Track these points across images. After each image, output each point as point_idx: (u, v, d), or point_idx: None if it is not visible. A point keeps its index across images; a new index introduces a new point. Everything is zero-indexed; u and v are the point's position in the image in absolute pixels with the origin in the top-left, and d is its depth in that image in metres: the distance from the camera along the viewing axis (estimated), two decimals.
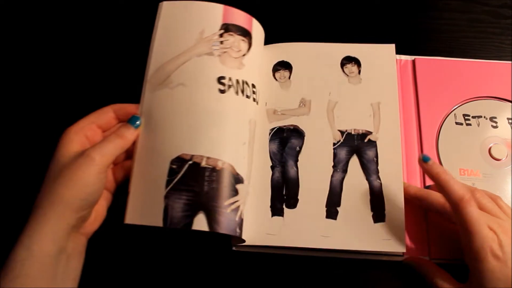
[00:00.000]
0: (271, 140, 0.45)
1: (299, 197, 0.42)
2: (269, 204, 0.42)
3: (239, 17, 0.43)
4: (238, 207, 0.38)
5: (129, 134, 0.38)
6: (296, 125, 0.46)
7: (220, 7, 0.43)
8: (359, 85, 0.47)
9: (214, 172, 0.38)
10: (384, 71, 0.48)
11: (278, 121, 0.46)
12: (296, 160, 0.44)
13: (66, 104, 0.50)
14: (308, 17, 0.56)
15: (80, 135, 0.36)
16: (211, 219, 0.37)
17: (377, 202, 0.42)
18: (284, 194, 0.43)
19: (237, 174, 0.39)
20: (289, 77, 0.48)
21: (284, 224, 0.41)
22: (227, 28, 0.42)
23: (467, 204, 0.35)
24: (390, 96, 0.46)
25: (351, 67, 0.48)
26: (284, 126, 0.46)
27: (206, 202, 0.37)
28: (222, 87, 0.40)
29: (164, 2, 0.43)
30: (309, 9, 0.57)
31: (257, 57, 0.45)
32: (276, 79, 0.48)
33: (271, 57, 0.49)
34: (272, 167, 0.44)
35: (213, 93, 0.40)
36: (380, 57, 0.48)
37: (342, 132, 0.45)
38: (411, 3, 0.56)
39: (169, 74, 0.40)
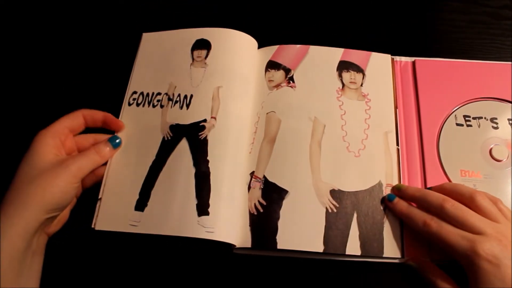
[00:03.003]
0: None
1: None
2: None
3: None
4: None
5: (107, 152, 0.42)
6: None
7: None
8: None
9: None
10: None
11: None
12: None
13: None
14: (308, 16, 0.56)
15: (56, 139, 0.39)
16: None
17: None
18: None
19: None
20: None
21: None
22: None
23: (429, 227, 0.37)
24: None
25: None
26: None
27: None
28: None
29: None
30: (309, 8, 0.57)
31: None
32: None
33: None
34: None
35: None
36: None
37: None
38: (411, 4, 0.56)
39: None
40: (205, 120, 0.45)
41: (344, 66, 0.49)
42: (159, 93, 0.47)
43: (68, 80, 0.53)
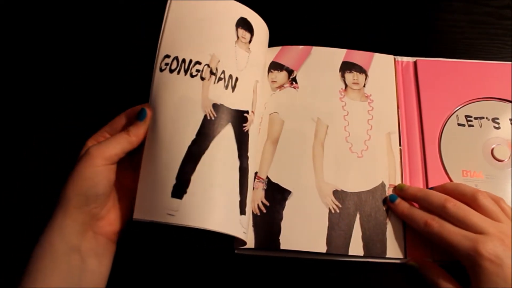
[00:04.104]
0: None
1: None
2: None
3: None
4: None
5: (135, 128, 0.37)
6: None
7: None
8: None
9: None
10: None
11: None
12: None
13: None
14: (309, 17, 0.56)
15: (94, 142, 0.38)
16: None
17: None
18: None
19: None
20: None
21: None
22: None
23: (430, 228, 0.38)
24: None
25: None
26: None
27: None
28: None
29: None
30: (310, 9, 0.57)
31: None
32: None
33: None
34: None
35: None
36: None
37: None
38: (413, 4, 0.56)
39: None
40: (247, 112, 0.41)
41: (347, 67, 0.49)
42: (198, 62, 0.39)
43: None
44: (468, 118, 0.47)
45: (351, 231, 0.42)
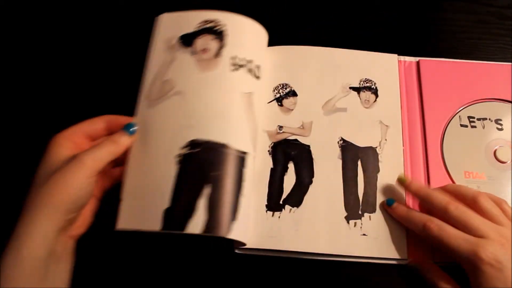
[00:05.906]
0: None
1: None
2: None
3: None
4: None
5: (124, 140, 0.38)
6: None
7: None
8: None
9: None
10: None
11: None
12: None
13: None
14: (311, 19, 0.56)
15: (69, 140, 0.36)
16: None
17: None
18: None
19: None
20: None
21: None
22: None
23: (430, 231, 0.37)
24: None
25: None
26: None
27: None
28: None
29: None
30: (310, 8, 0.56)
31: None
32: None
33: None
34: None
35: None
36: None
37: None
38: (415, 4, 0.56)
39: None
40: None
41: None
42: None
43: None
44: (471, 119, 0.47)
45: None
